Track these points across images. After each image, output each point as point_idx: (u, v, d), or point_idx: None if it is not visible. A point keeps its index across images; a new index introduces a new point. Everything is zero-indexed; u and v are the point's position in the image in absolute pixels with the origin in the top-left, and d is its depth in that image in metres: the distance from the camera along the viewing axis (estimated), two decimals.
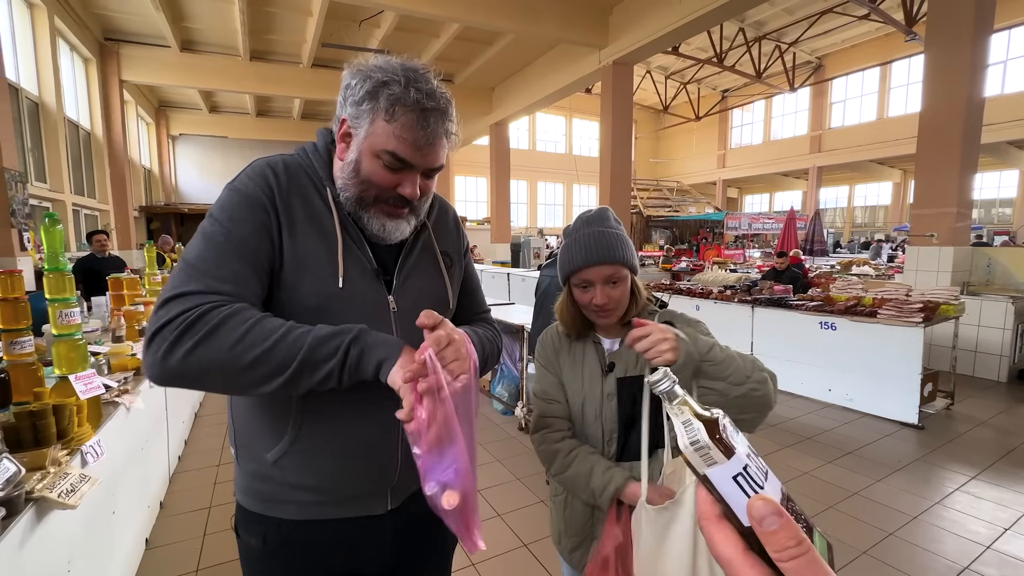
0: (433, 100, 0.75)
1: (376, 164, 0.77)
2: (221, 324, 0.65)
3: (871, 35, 14.69)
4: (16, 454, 1.21)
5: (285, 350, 0.66)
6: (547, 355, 1.18)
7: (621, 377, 1.06)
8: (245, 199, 0.76)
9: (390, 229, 0.82)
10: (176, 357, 0.64)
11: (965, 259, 5.34)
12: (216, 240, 0.73)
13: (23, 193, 5.20)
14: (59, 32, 7.51)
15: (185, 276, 0.70)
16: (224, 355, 0.64)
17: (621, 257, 1.03)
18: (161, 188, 14.05)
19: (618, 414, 1.06)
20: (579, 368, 1.12)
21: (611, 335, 1.12)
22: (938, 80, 5.21)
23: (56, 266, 1.50)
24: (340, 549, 0.85)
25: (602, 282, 1.03)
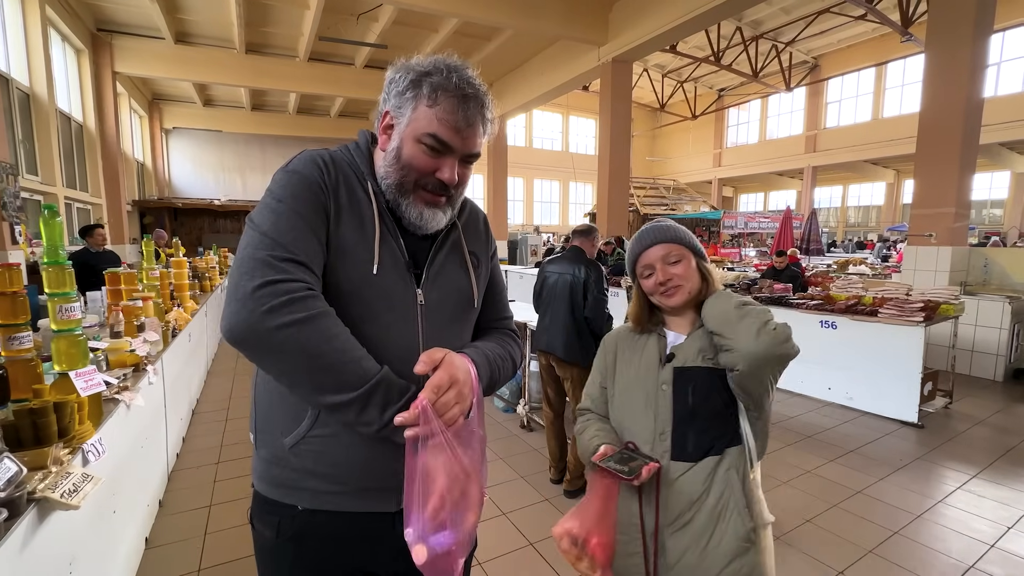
0: (472, 88, 0.80)
1: (417, 149, 0.80)
2: (321, 316, 0.70)
3: (867, 36, 14.78)
4: (17, 453, 1.17)
5: (362, 371, 0.71)
6: (604, 354, 1.19)
7: (680, 367, 1.03)
8: (303, 180, 0.79)
9: (427, 217, 0.84)
10: (274, 322, 0.67)
11: (963, 259, 5.37)
12: (287, 215, 0.75)
13: (14, 186, 5.10)
14: (51, 22, 7.37)
15: (270, 241, 0.72)
16: (311, 345, 0.68)
17: (675, 237, 1.06)
18: (154, 182, 13.87)
19: (673, 406, 1.03)
20: (636, 358, 1.12)
21: (679, 327, 1.10)
22: (938, 80, 5.23)
23: (56, 259, 1.45)
24: (352, 545, 0.85)
25: (661, 261, 1.05)
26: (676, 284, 1.05)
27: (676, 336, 1.10)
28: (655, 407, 1.05)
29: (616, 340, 1.19)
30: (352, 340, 0.73)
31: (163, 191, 14.17)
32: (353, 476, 0.82)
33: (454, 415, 0.74)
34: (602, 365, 1.19)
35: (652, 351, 1.10)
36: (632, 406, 1.09)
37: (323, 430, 0.80)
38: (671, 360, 1.05)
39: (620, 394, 1.13)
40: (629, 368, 1.12)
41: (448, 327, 0.89)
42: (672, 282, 1.05)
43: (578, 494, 2.72)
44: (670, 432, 1.02)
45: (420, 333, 0.84)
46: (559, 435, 2.88)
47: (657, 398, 1.05)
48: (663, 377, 1.05)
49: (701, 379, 1.01)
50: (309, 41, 9.38)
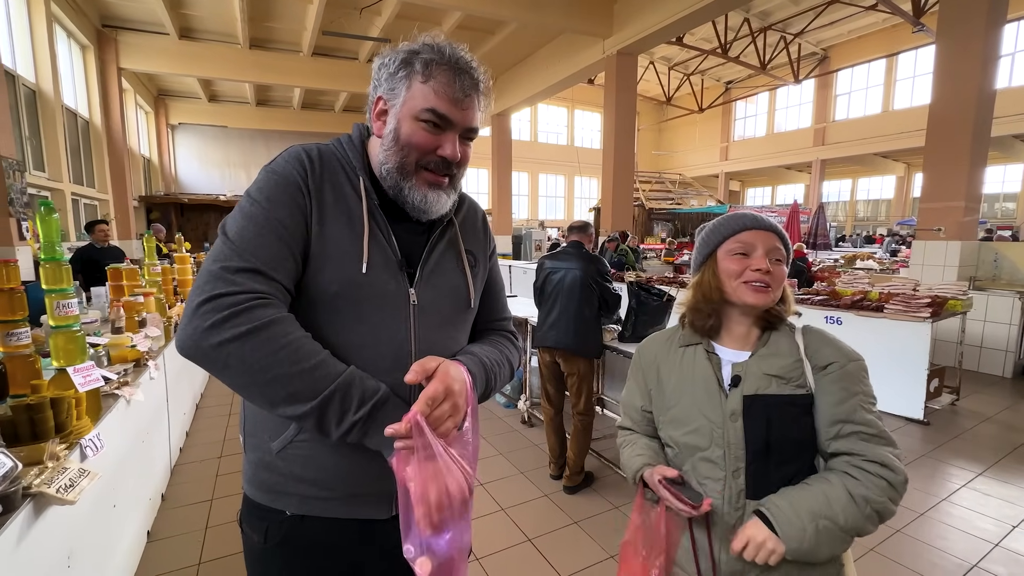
0: (465, 61, 0.78)
1: (416, 127, 0.78)
2: (266, 327, 0.66)
3: (878, 26, 14.51)
4: (13, 448, 1.18)
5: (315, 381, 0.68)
6: (642, 372, 1.06)
7: (751, 395, 0.89)
8: (283, 180, 0.77)
9: (431, 200, 0.81)
10: (216, 338, 0.65)
11: (972, 254, 5.29)
12: (256, 219, 0.73)
13: (21, 182, 5.15)
14: (56, 18, 7.41)
15: (228, 251, 0.71)
16: (252, 360, 0.65)
17: (781, 234, 0.95)
18: (161, 178, 13.96)
19: (746, 441, 0.89)
20: (687, 381, 0.96)
21: (736, 341, 0.96)
22: (949, 71, 5.13)
23: (53, 256, 1.46)
24: (340, 551, 0.84)
25: (765, 250, 0.92)
26: (768, 282, 0.91)
27: (732, 353, 0.96)
28: (724, 441, 0.91)
29: (655, 356, 1.04)
30: (306, 348, 0.69)
31: (169, 187, 14.25)
32: (341, 482, 0.80)
33: (448, 428, 0.71)
34: (642, 386, 1.05)
35: (705, 372, 0.95)
36: (694, 437, 0.95)
37: (310, 435, 0.78)
38: (737, 384, 0.91)
39: (674, 424, 0.98)
40: (682, 393, 0.97)
41: (442, 328, 0.86)
42: (767, 278, 0.91)
43: (577, 490, 2.72)
44: (744, 468, 0.89)
45: (412, 335, 0.81)
46: (559, 431, 2.88)
47: (725, 431, 0.90)
48: (730, 407, 0.90)
49: (778, 409, 0.88)
50: (312, 36, 9.37)
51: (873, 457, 0.84)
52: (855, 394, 0.87)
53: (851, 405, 0.86)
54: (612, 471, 2.95)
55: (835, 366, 0.89)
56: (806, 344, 0.92)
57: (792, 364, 0.90)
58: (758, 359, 0.92)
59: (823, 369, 0.89)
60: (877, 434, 0.85)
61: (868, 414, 0.86)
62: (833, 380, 0.88)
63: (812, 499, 0.84)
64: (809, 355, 0.90)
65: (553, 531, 2.37)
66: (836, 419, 0.87)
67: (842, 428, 0.86)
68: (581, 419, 2.75)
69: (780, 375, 0.90)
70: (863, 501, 0.82)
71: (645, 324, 2.84)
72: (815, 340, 0.93)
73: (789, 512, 0.83)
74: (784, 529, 0.82)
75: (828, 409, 0.87)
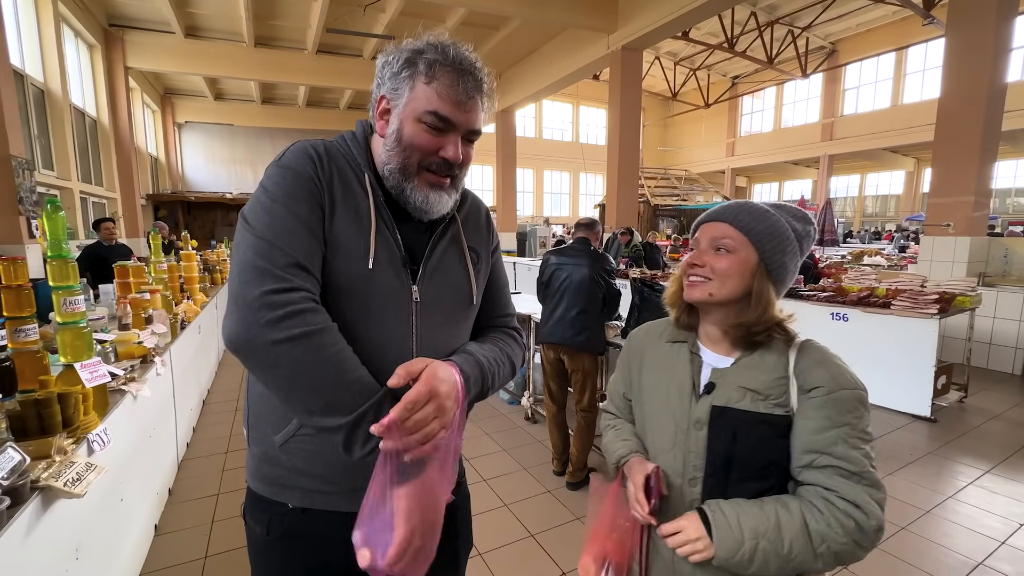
0: (469, 62, 0.78)
1: (418, 128, 0.78)
2: (318, 334, 0.68)
3: (887, 19, 14.31)
4: (21, 442, 1.20)
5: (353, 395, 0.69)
6: (628, 358, 1.03)
7: (720, 406, 0.83)
8: (297, 176, 0.77)
9: (432, 201, 0.82)
10: (271, 336, 0.66)
11: (982, 249, 5.23)
12: (281, 215, 0.73)
13: (31, 180, 5.21)
14: (63, 18, 7.47)
15: (265, 246, 0.71)
16: (301, 364, 0.67)
17: (743, 222, 0.83)
18: (168, 176, 14.06)
19: (708, 452, 0.84)
20: (665, 377, 0.92)
21: (715, 345, 0.89)
22: (959, 64, 5.05)
23: (59, 253, 1.47)
24: (341, 545, 0.83)
25: (707, 241, 0.86)
26: (704, 276, 0.84)
27: (715, 358, 0.89)
28: (684, 447, 0.86)
29: (643, 346, 1.00)
30: (349, 360, 0.70)
31: (176, 185, 14.36)
32: (344, 476, 0.81)
33: (432, 431, 0.71)
34: (625, 373, 1.03)
35: (683, 373, 0.90)
36: (657, 436, 0.91)
37: (312, 429, 0.78)
38: (710, 392, 0.85)
39: (645, 418, 0.95)
40: (657, 390, 0.93)
41: (444, 326, 0.86)
42: (701, 270, 0.84)
43: (580, 486, 2.73)
44: (700, 479, 0.85)
45: (415, 332, 0.82)
46: (561, 427, 2.88)
47: (688, 436, 0.86)
48: (697, 414, 0.85)
49: (748, 427, 0.81)
50: (317, 33, 9.38)
51: (847, 495, 0.75)
52: (839, 425, 0.77)
53: (831, 436, 0.77)
54: None
55: (821, 391, 0.79)
56: (797, 361, 0.82)
57: (774, 381, 0.82)
58: (737, 369, 0.85)
59: (808, 392, 0.80)
60: (858, 473, 0.76)
61: (852, 450, 0.77)
62: (816, 406, 0.79)
63: (761, 517, 0.77)
64: (798, 374, 0.82)
65: (556, 527, 2.37)
66: (811, 448, 0.78)
67: (816, 459, 0.78)
68: (584, 416, 2.75)
69: (757, 390, 0.82)
70: (819, 538, 0.75)
71: (648, 320, 2.84)
72: (809, 359, 0.82)
73: (731, 521, 0.77)
74: (718, 535, 0.77)
75: (804, 435, 0.79)
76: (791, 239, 0.85)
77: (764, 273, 0.83)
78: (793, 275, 0.87)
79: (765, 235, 0.83)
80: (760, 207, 0.86)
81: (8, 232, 4.86)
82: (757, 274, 0.83)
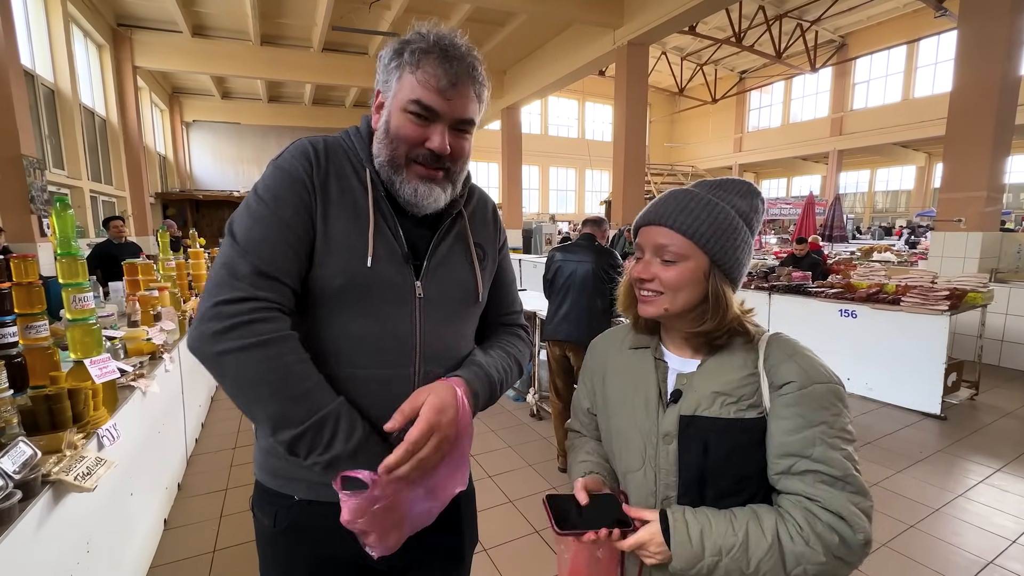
0: (457, 50, 0.75)
1: (404, 118, 0.77)
2: (263, 345, 0.67)
3: (898, 11, 14.11)
4: (32, 437, 1.22)
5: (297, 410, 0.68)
6: (588, 371, 0.95)
7: (689, 415, 0.76)
8: (288, 177, 0.77)
9: (422, 194, 0.80)
10: (217, 347, 0.67)
11: (994, 245, 5.15)
12: (262, 219, 0.74)
13: (42, 180, 5.28)
14: (72, 18, 7.54)
15: (235, 253, 0.72)
16: (241, 376, 0.68)
17: (687, 225, 0.74)
18: (176, 174, 14.19)
19: (679, 468, 0.76)
20: (630, 387, 0.84)
21: (679, 348, 0.82)
22: (971, 57, 4.97)
23: (68, 251, 1.49)
24: (346, 536, 0.84)
25: (651, 250, 0.77)
26: (655, 290, 0.77)
27: (680, 362, 0.81)
28: (655, 464, 0.78)
29: (604, 355, 0.92)
30: (296, 373, 0.69)
31: (185, 183, 14.49)
32: None
33: (433, 462, 0.74)
34: (588, 386, 0.94)
35: (648, 381, 0.82)
36: (625, 453, 0.82)
37: None
38: (677, 400, 0.77)
39: (611, 434, 0.86)
40: (622, 402, 0.84)
41: (449, 323, 0.85)
42: (651, 284, 0.77)
43: None
44: (674, 499, 0.77)
45: (418, 328, 0.81)
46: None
47: (657, 453, 0.78)
48: (665, 426, 0.77)
49: (719, 436, 0.74)
50: (323, 31, 9.40)
51: (830, 505, 0.67)
52: (815, 424, 0.70)
53: (807, 437, 0.69)
54: None
55: (792, 386, 0.71)
56: (767, 356, 0.75)
57: (742, 379, 0.74)
58: (704, 372, 0.77)
59: (779, 389, 0.72)
60: (841, 478, 0.68)
61: (832, 451, 0.69)
62: (787, 403, 0.71)
63: (727, 533, 0.69)
64: (768, 369, 0.74)
65: None
66: (786, 451, 0.70)
67: (795, 464, 0.70)
68: None
69: (726, 392, 0.74)
70: (793, 560, 0.67)
71: None
72: (778, 352, 0.75)
73: (692, 533, 0.70)
74: (675, 547, 0.69)
75: (778, 437, 0.71)
76: (739, 228, 0.76)
77: (717, 275, 0.76)
78: (748, 263, 0.79)
79: (710, 235, 0.74)
80: (696, 197, 0.76)
81: (20, 231, 4.93)
82: (710, 278, 0.75)
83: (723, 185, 0.79)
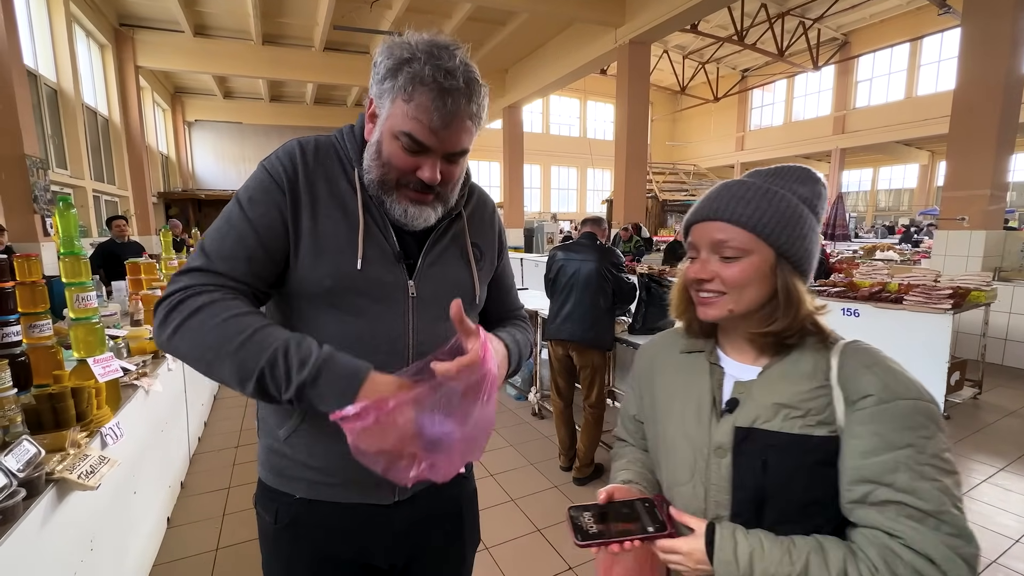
0: (454, 79, 0.70)
1: (395, 146, 0.75)
2: (196, 312, 0.68)
3: (901, 9, 14.03)
4: (36, 436, 1.23)
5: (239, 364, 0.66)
6: (638, 367, 0.88)
7: (746, 427, 0.67)
8: (266, 179, 0.78)
9: (412, 214, 0.79)
10: (165, 335, 0.69)
11: (997, 244, 5.13)
12: (231, 219, 0.76)
13: (45, 180, 5.29)
14: (75, 18, 7.56)
15: (196, 252, 0.75)
16: (188, 350, 0.69)
17: (747, 217, 0.67)
18: (178, 174, 14.22)
19: (732, 485, 0.68)
20: (679, 394, 0.77)
21: (740, 353, 0.74)
22: (975, 54, 4.95)
23: (71, 250, 1.50)
24: (346, 534, 0.86)
25: (708, 248, 0.70)
26: (716, 290, 0.69)
27: (739, 368, 0.73)
28: (705, 479, 0.70)
29: (653, 360, 0.85)
30: (234, 327, 0.66)
31: (187, 183, 14.52)
32: (344, 469, 0.81)
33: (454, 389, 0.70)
34: (636, 392, 0.88)
35: (701, 387, 0.74)
36: (672, 465, 0.75)
37: (314, 424, 0.79)
38: (732, 410, 0.70)
39: (658, 443, 0.80)
40: (671, 408, 0.77)
41: (443, 322, 0.83)
42: (711, 285, 0.69)
43: (587, 482, 2.73)
44: (727, 519, 0.68)
45: (410, 327, 0.81)
46: (568, 423, 2.88)
47: (708, 467, 0.70)
48: (718, 438, 0.69)
49: (781, 452, 0.65)
50: (324, 30, 9.41)
51: (916, 545, 0.55)
52: (897, 446, 0.59)
53: (887, 461, 0.59)
54: None
55: (869, 400, 0.61)
56: (841, 366, 0.65)
57: (811, 392, 0.65)
58: (766, 380, 0.69)
59: (854, 403, 0.62)
60: (933, 513, 0.56)
61: (921, 480, 0.57)
62: (863, 419, 0.61)
63: (781, 561, 0.60)
64: (842, 381, 0.64)
65: (562, 522, 2.37)
66: (862, 476, 0.60)
67: (872, 492, 0.59)
68: (592, 412, 2.75)
69: (792, 404, 0.65)
70: None
71: (655, 316, 2.82)
72: (854, 362, 0.65)
73: (740, 554, 0.62)
74: (719, 566, 0.62)
75: (852, 460, 0.61)
76: (804, 215, 0.69)
77: (786, 269, 0.68)
78: (817, 252, 0.71)
79: (774, 225, 0.67)
80: (753, 186, 0.70)
81: (24, 230, 4.95)
82: (779, 272, 0.68)
83: (779, 173, 0.73)
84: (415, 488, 0.88)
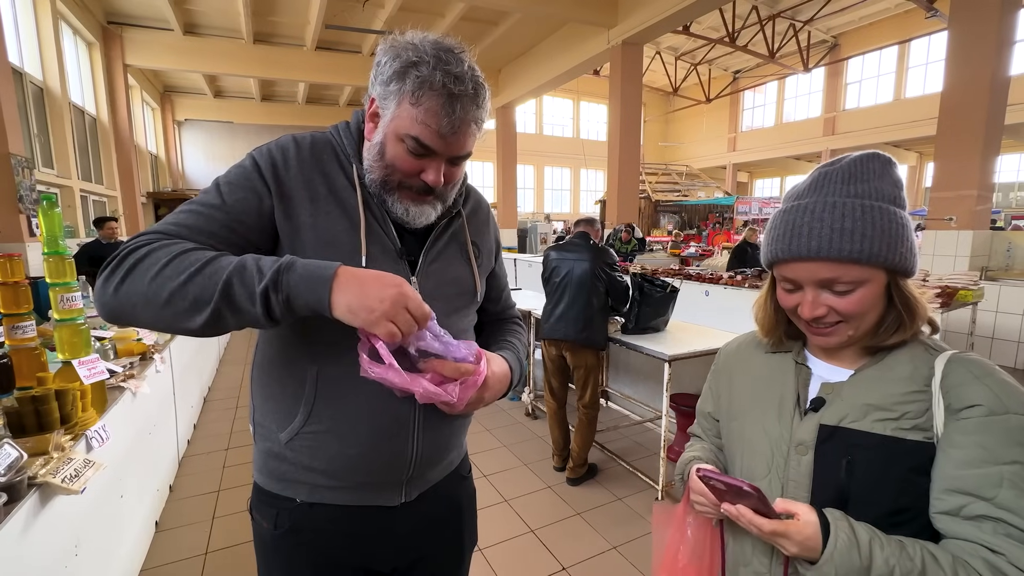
0: (462, 84, 0.71)
1: (400, 148, 0.74)
2: (145, 257, 0.65)
3: (890, 12, 14.22)
4: (19, 439, 1.20)
5: (201, 285, 0.62)
6: (717, 367, 0.88)
7: (832, 425, 0.66)
8: (251, 167, 0.77)
9: (414, 214, 0.80)
10: (108, 292, 0.64)
11: (984, 243, 5.20)
12: (203, 198, 0.75)
13: (30, 179, 5.20)
14: (61, 15, 7.44)
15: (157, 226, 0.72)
16: (144, 288, 0.63)
17: (844, 250, 0.62)
18: (168, 174, 14.05)
19: (813, 484, 0.66)
20: (760, 391, 0.76)
21: (837, 358, 0.72)
22: (962, 57, 5.01)
23: (56, 249, 1.47)
24: (349, 539, 0.84)
25: (815, 285, 0.66)
26: (835, 321, 0.66)
27: (828, 369, 0.72)
28: (782, 475, 0.68)
29: (733, 359, 0.85)
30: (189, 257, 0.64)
31: (177, 183, 14.35)
32: (350, 471, 0.80)
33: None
34: (713, 390, 0.88)
35: (785, 384, 0.73)
36: (748, 460, 0.74)
37: (317, 426, 0.78)
38: (818, 409, 0.68)
39: (733, 438, 0.78)
40: (750, 404, 0.76)
41: (445, 317, 0.84)
42: (827, 318, 0.66)
43: (580, 482, 2.73)
44: None
45: None
46: (562, 424, 2.88)
47: (788, 463, 0.68)
48: (800, 435, 0.68)
49: (869, 453, 0.62)
50: (316, 29, 9.34)
51: (1021, 564, 0.53)
52: (1002, 461, 0.56)
53: (990, 475, 0.56)
54: (616, 463, 2.96)
55: (978, 411, 0.58)
56: (946, 374, 0.62)
57: (906, 395, 0.63)
58: (858, 381, 0.67)
59: (957, 412, 0.59)
60: None
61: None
62: (967, 430, 0.58)
63: (900, 554, 0.56)
64: (946, 388, 0.61)
65: (556, 522, 2.37)
66: (958, 487, 0.57)
67: (968, 505, 0.56)
68: (586, 412, 2.74)
69: (883, 406, 0.63)
70: None
71: (648, 316, 2.83)
72: (963, 372, 0.62)
73: (860, 537, 0.58)
74: (840, 548, 0.57)
75: (949, 469, 0.58)
76: (902, 220, 0.64)
77: (900, 282, 0.65)
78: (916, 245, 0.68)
79: (882, 247, 0.62)
80: (849, 209, 0.63)
81: (8, 230, 4.86)
82: (895, 289, 0.65)
83: (855, 176, 0.66)
84: (420, 490, 0.87)
